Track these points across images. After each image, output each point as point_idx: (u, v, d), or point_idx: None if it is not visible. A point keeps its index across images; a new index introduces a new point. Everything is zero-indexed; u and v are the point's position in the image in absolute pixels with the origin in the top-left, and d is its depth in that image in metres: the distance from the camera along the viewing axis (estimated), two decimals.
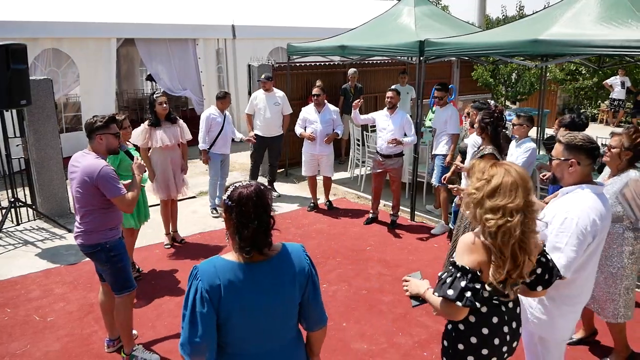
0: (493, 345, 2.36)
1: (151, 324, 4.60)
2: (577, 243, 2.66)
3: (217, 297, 1.99)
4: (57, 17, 9.62)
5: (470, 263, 2.22)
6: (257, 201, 2.03)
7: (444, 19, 8.42)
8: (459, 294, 2.18)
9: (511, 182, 2.20)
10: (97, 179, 3.57)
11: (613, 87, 14.87)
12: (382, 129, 6.74)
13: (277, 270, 2.09)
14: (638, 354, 4.11)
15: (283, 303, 2.11)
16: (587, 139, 2.84)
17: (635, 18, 5.05)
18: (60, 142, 7.25)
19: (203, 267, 2.05)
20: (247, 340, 2.08)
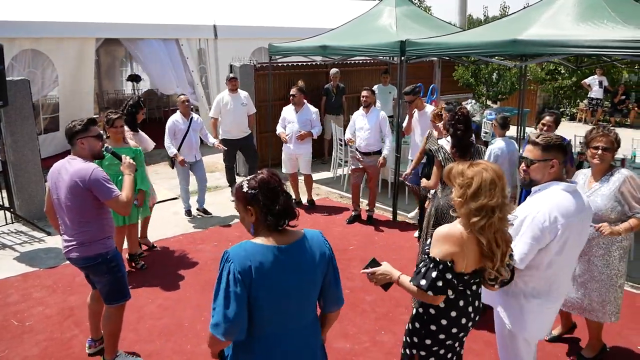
0: (461, 324, 2.60)
1: (132, 327, 4.55)
2: (532, 237, 2.73)
3: (248, 278, 2.08)
4: (35, 17, 9.47)
5: (442, 254, 2.41)
6: (276, 177, 2.22)
7: (424, 19, 8.47)
8: (430, 284, 2.41)
9: (490, 181, 2.37)
10: (89, 182, 3.42)
11: (591, 86, 15.12)
12: (360, 128, 6.90)
13: (302, 253, 2.21)
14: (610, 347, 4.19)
15: (307, 284, 2.23)
16: (559, 137, 2.93)
17: (611, 19, 5.14)
18: (38, 143, 7.14)
19: (234, 250, 2.14)
20: (271, 321, 2.17)
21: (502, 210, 2.37)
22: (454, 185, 2.47)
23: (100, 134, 3.74)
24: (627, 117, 15.08)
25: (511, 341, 3.01)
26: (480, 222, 2.35)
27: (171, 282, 5.38)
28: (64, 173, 3.52)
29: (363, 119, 6.89)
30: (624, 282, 3.89)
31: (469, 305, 2.58)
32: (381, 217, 7.34)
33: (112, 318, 3.82)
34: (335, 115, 9.97)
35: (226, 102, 7.83)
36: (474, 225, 2.36)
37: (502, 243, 2.41)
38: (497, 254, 2.40)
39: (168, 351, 4.21)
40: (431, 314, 2.60)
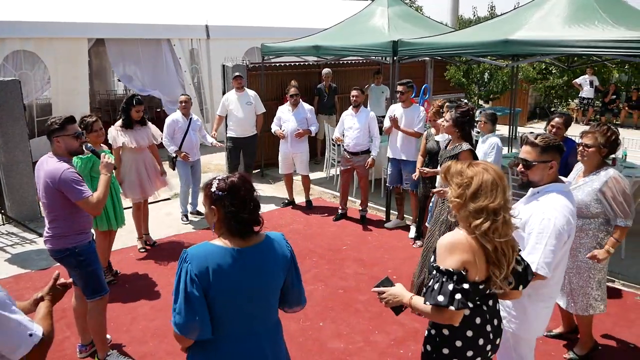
0: (478, 346, 2.36)
1: (126, 328, 4.54)
2: (556, 243, 2.71)
3: (206, 280, 2.08)
4: (26, 17, 9.40)
5: (454, 264, 2.20)
6: (247, 185, 2.18)
7: (417, 19, 8.49)
8: (449, 299, 2.15)
9: (491, 182, 2.22)
10: (58, 183, 3.49)
11: (582, 86, 15.22)
12: (349, 127, 6.93)
13: (263, 256, 2.20)
14: (601, 345, 4.22)
15: (268, 287, 2.23)
16: (553, 137, 2.93)
17: (602, 19, 5.18)
18: (29, 144, 7.10)
19: (192, 251, 2.14)
20: (233, 323, 2.18)
21: (506, 212, 2.23)
22: (451, 184, 2.32)
23: (78, 133, 3.71)
24: (617, 117, 15.19)
25: (516, 344, 3.02)
26: (482, 225, 2.18)
27: (164, 283, 5.36)
28: (41, 170, 3.62)
29: (352, 119, 6.91)
30: (604, 278, 3.96)
31: (486, 323, 2.37)
32: (375, 217, 7.35)
33: (93, 313, 3.87)
34: (327, 115, 9.98)
35: (230, 101, 7.86)
36: (476, 228, 2.19)
37: (508, 250, 2.23)
38: (503, 261, 2.21)
39: (161, 352, 4.20)
40: (444, 335, 2.37)
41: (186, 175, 7.05)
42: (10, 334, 1.91)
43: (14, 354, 1.92)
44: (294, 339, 4.33)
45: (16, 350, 1.92)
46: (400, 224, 6.95)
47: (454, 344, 2.35)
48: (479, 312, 2.35)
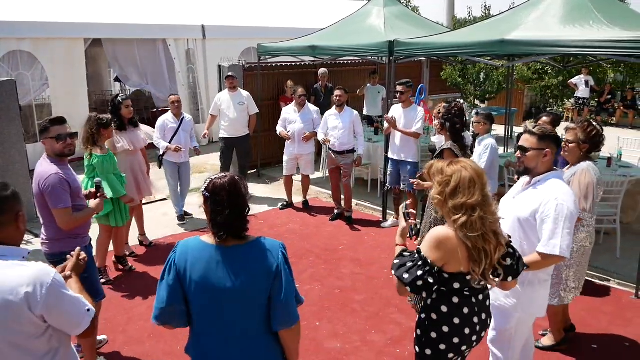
0: (464, 334, 2.49)
1: (122, 329, 4.53)
2: (570, 225, 2.87)
3: (182, 271, 2.17)
4: (22, 17, 9.38)
5: (434, 257, 2.37)
6: (231, 189, 2.16)
7: (413, 19, 8.51)
8: (411, 281, 2.36)
9: (469, 179, 2.34)
10: (43, 185, 3.47)
11: (577, 86, 15.26)
12: (333, 127, 6.97)
13: (245, 257, 2.18)
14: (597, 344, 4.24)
15: (246, 291, 2.15)
16: (550, 128, 3.10)
17: (597, 20, 5.20)
18: (25, 145, 7.07)
19: (182, 243, 2.26)
20: (210, 321, 2.20)
21: (483, 209, 2.33)
22: (434, 182, 2.46)
23: (62, 135, 3.55)
24: (613, 116, 15.25)
25: (517, 330, 3.15)
26: (460, 219, 2.32)
27: None
28: (35, 172, 3.62)
29: (336, 119, 6.94)
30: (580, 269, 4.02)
31: (474, 315, 2.49)
32: (371, 217, 7.36)
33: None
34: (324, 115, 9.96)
35: (222, 101, 7.83)
36: (455, 223, 2.34)
37: (488, 246, 2.33)
38: (481, 257, 2.32)
39: (159, 352, 4.19)
40: (433, 320, 2.52)
41: (173, 175, 6.96)
42: (76, 310, 2.06)
43: (77, 329, 2.07)
44: None
45: (79, 325, 2.07)
46: (397, 223, 6.94)
47: (441, 329, 2.49)
48: (467, 303, 2.48)
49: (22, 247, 2.14)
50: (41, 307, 1.94)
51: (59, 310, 2.00)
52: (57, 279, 2.01)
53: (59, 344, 2.09)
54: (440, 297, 2.49)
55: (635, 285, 5.06)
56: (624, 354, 4.16)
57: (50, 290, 1.95)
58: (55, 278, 2.00)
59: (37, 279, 1.95)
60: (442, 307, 2.48)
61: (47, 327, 2.01)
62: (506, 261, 2.46)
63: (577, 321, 4.50)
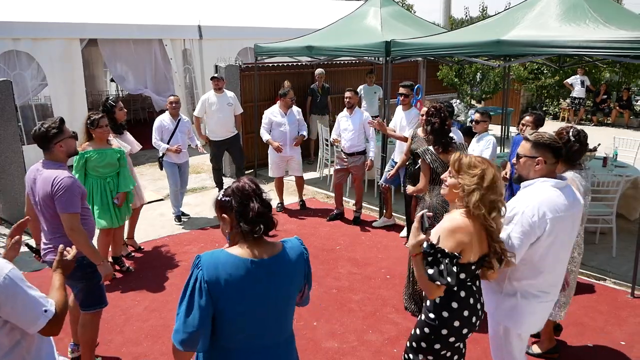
0: (463, 317, 2.69)
1: (119, 329, 4.53)
2: (521, 232, 2.76)
3: (216, 290, 2.00)
4: (18, 17, 9.35)
5: (453, 246, 2.50)
6: (252, 186, 2.13)
7: (409, 19, 8.52)
8: (456, 279, 2.50)
9: (497, 176, 2.58)
10: (54, 190, 3.33)
11: (573, 86, 15.31)
12: (344, 129, 6.96)
13: (279, 268, 2.12)
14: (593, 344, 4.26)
15: (283, 300, 2.15)
16: (553, 138, 2.91)
17: (593, 19, 5.22)
18: (21, 146, 7.05)
19: (206, 257, 2.06)
20: (242, 335, 2.10)
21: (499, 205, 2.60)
22: (465, 173, 2.58)
23: (74, 132, 3.64)
24: (608, 116, 15.30)
25: (505, 339, 3.04)
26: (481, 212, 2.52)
27: (158, 283, 5.36)
28: (38, 179, 3.44)
29: (347, 121, 6.94)
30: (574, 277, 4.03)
31: (470, 296, 2.67)
32: (368, 217, 7.37)
33: (87, 326, 3.74)
34: (320, 115, 9.99)
35: (212, 102, 7.77)
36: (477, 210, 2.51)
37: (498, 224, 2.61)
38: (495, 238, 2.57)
39: (156, 353, 4.19)
40: (444, 318, 2.68)
41: (173, 175, 6.95)
42: (29, 309, 2.07)
43: (30, 328, 2.10)
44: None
45: (33, 324, 2.09)
46: (388, 222, 6.97)
47: (453, 324, 2.67)
48: (471, 293, 2.68)
49: None
50: None
51: (9, 307, 2.01)
52: (11, 276, 2.02)
53: (21, 336, 2.12)
54: (450, 294, 2.64)
55: (631, 284, 5.08)
56: (620, 353, 4.18)
57: (1, 287, 1.97)
58: (9, 275, 2.01)
59: None
60: (452, 303, 2.65)
61: (4, 321, 2.05)
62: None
63: (572, 320, 4.52)
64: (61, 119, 3.53)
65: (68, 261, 2.47)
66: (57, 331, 2.16)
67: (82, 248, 3.39)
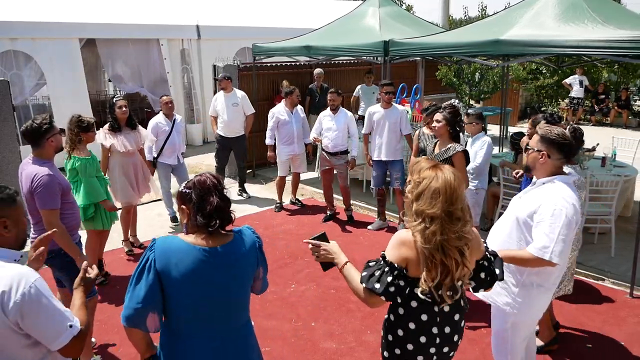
0: (419, 342, 2.36)
1: (116, 330, 4.51)
2: (567, 232, 2.80)
3: (165, 274, 2.08)
4: (16, 17, 9.33)
5: (397, 258, 2.28)
6: (214, 180, 2.19)
7: (408, 19, 8.52)
8: (384, 289, 2.25)
9: (434, 189, 2.21)
10: (33, 187, 3.44)
11: (572, 86, 15.31)
12: (328, 129, 6.94)
13: (230, 256, 2.18)
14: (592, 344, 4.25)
15: (235, 287, 2.22)
16: (560, 134, 2.92)
17: (592, 19, 5.22)
18: (19, 146, 7.02)
19: (160, 242, 2.14)
20: (194, 321, 2.17)
21: (443, 224, 2.18)
22: (411, 180, 2.35)
23: (62, 128, 3.73)
24: (607, 116, 15.30)
25: (514, 331, 3.11)
26: (417, 226, 2.23)
27: None
28: (22, 175, 3.57)
29: (331, 120, 6.91)
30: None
31: (433, 325, 2.34)
32: (366, 217, 7.35)
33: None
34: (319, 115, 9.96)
35: (218, 102, 7.86)
36: (413, 228, 2.25)
37: (449, 261, 2.20)
38: (437, 270, 2.20)
39: None
40: (391, 321, 2.46)
41: (166, 177, 6.91)
42: (53, 322, 1.95)
43: (53, 343, 1.96)
44: (286, 339, 4.32)
45: (56, 340, 1.96)
46: (383, 225, 6.93)
47: (397, 333, 2.41)
48: (427, 310, 2.33)
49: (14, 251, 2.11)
50: (14, 313, 1.86)
51: (33, 319, 1.91)
52: (38, 286, 1.92)
53: (46, 352, 2.00)
54: (409, 314, 2.37)
55: (630, 284, 5.08)
56: (618, 353, 4.17)
57: (26, 296, 1.87)
58: (36, 285, 1.91)
59: (14, 282, 1.88)
60: (398, 309, 2.38)
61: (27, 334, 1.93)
62: (480, 276, 2.38)
63: (571, 320, 4.52)
64: (49, 115, 3.62)
65: (90, 280, 2.38)
66: (79, 351, 2.04)
67: (60, 242, 3.52)
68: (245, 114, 7.99)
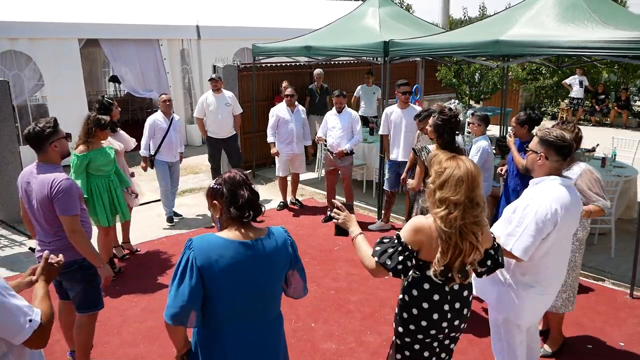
0: (432, 319, 2.56)
1: (116, 331, 4.51)
2: (535, 229, 2.80)
3: (207, 270, 2.15)
4: (16, 17, 9.32)
5: (412, 241, 2.45)
6: (243, 176, 2.33)
7: (408, 19, 8.52)
8: (394, 267, 2.44)
9: (458, 177, 2.38)
10: (53, 192, 3.27)
11: (572, 86, 15.31)
12: (332, 127, 6.97)
13: (265, 249, 2.28)
14: (592, 344, 4.25)
15: (270, 280, 2.31)
16: (560, 136, 2.92)
17: (591, 19, 5.21)
18: (18, 147, 7.03)
19: (197, 240, 2.21)
20: (232, 314, 2.25)
21: (466, 209, 2.36)
22: (431, 171, 2.52)
23: (68, 133, 3.57)
24: (607, 117, 15.30)
25: (505, 329, 3.11)
26: (440, 212, 2.38)
27: (155, 284, 5.33)
28: (33, 182, 3.37)
29: (335, 119, 6.94)
30: (577, 274, 4.08)
31: (444, 302, 2.54)
32: (366, 217, 7.35)
33: (83, 327, 3.69)
34: (319, 115, 9.94)
35: (209, 103, 7.77)
36: (436, 215, 2.40)
37: (464, 244, 2.38)
38: (452, 252, 2.37)
39: (153, 355, 4.17)
40: (405, 301, 2.62)
41: (164, 175, 6.91)
42: (11, 319, 1.93)
43: (14, 339, 1.97)
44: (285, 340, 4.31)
45: (17, 336, 1.96)
46: (385, 227, 6.87)
47: (411, 311, 2.59)
48: (438, 291, 2.53)
49: None
50: None
51: None
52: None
53: (8, 348, 2.00)
54: (414, 281, 2.57)
55: (630, 285, 5.07)
56: (618, 354, 4.17)
57: None
58: None
59: None
60: (413, 290, 2.57)
61: None
62: (486, 263, 2.55)
63: (571, 321, 4.51)
64: (54, 119, 3.46)
65: (53, 268, 2.34)
66: (43, 343, 2.05)
67: (83, 250, 3.40)
68: (234, 114, 7.97)
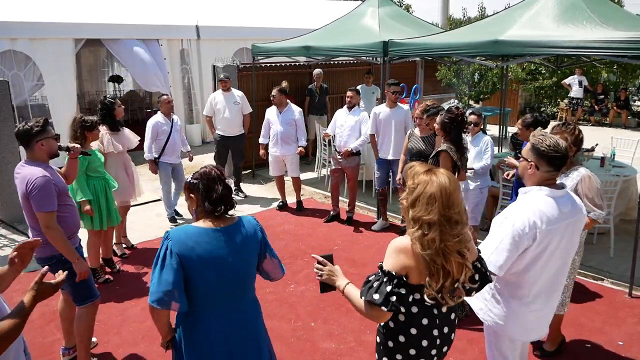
0: (421, 347, 2.33)
1: (116, 330, 4.51)
2: (511, 243, 2.63)
3: (185, 256, 2.34)
4: (16, 17, 9.32)
5: (396, 267, 2.21)
6: (217, 172, 2.51)
7: (407, 19, 8.53)
8: (384, 299, 2.17)
9: (429, 195, 2.14)
10: (29, 189, 3.36)
11: (571, 86, 15.32)
12: (340, 125, 6.94)
13: (235, 234, 2.48)
14: (591, 344, 4.26)
15: (242, 263, 2.49)
16: (552, 145, 2.70)
17: (590, 19, 5.22)
18: (18, 146, 7.02)
19: (174, 231, 2.41)
20: (210, 298, 2.43)
21: (441, 228, 2.12)
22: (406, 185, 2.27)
23: (58, 135, 3.64)
24: (606, 117, 15.31)
25: (495, 339, 3.02)
26: (415, 233, 2.16)
27: None
28: (17, 178, 3.49)
29: (345, 116, 6.91)
30: (573, 277, 4.09)
31: (434, 327, 2.32)
32: (366, 217, 7.36)
33: (82, 318, 3.76)
34: (319, 115, 9.98)
35: (218, 101, 7.87)
36: (411, 235, 2.18)
37: (449, 265, 2.15)
38: (440, 274, 2.15)
39: (153, 354, 4.17)
40: (390, 328, 2.37)
41: (167, 177, 6.92)
42: None
43: None
44: (285, 340, 4.32)
45: None
46: (386, 225, 6.92)
47: (398, 339, 2.35)
48: (428, 314, 2.30)
49: None
50: None
51: None
52: None
53: None
54: (411, 319, 2.31)
55: (629, 284, 5.08)
56: (617, 354, 4.17)
57: None
58: None
59: None
60: (399, 315, 2.30)
61: None
62: (475, 278, 2.31)
63: (570, 320, 4.51)
64: (45, 119, 3.57)
65: (48, 287, 2.22)
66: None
67: (58, 245, 3.50)
68: (244, 113, 8.03)
